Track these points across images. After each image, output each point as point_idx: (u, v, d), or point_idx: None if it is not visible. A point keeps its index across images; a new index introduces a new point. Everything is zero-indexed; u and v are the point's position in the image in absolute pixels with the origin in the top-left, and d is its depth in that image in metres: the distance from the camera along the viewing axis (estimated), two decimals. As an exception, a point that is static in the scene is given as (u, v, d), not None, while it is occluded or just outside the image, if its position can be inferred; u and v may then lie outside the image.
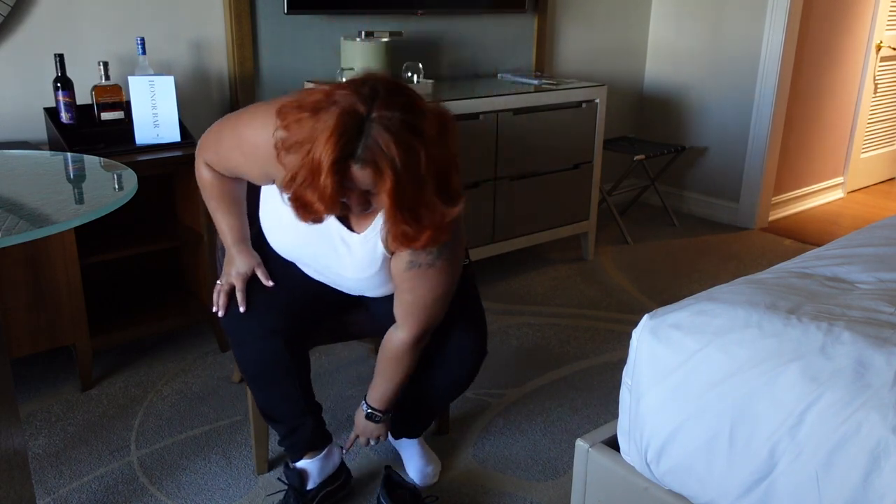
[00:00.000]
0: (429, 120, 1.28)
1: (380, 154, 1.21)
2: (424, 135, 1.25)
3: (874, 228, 1.95)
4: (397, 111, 1.23)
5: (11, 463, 1.52)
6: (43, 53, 2.43)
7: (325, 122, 1.22)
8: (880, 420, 1.13)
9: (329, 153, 1.20)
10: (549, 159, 3.20)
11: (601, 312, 2.99)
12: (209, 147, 1.65)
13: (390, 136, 1.21)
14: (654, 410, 1.39)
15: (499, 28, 3.54)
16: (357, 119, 1.22)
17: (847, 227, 4.08)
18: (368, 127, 1.22)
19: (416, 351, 1.66)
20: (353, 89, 1.25)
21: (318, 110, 1.24)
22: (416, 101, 1.29)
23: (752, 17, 3.83)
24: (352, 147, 1.22)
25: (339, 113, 1.22)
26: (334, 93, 1.25)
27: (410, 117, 1.24)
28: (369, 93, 1.24)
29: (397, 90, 1.27)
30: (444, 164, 1.29)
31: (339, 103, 1.23)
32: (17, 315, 2.15)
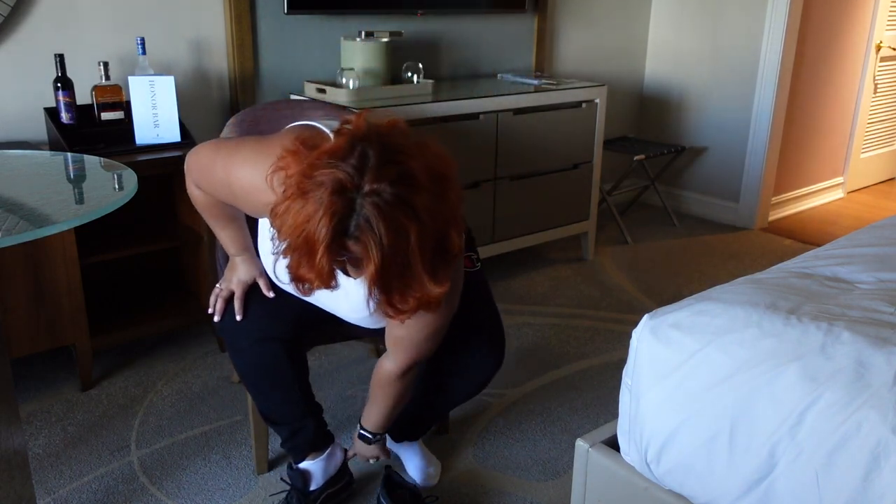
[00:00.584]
0: (426, 192, 1.18)
1: (369, 232, 1.14)
2: (417, 210, 1.16)
3: (874, 228, 1.95)
4: (388, 185, 1.14)
5: (11, 463, 1.52)
6: (43, 53, 2.43)
7: (312, 203, 1.15)
8: (880, 420, 1.13)
9: (323, 235, 1.14)
10: (549, 159, 3.20)
11: (601, 312, 2.99)
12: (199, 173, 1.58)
13: (379, 215, 1.13)
14: (654, 410, 1.39)
15: (499, 28, 3.54)
16: (347, 196, 1.14)
17: (847, 227, 4.08)
18: (359, 204, 1.14)
19: (404, 381, 1.64)
20: (341, 159, 1.16)
21: (304, 191, 1.16)
22: (409, 168, 1.17)
23: (752, 17, 3.83)
24: (345, 225, 1.15)
25: (327, 192, 1.14)
26: (320, 170, 1.16)
27: (403, 191, 1.15)
28: (358, 163, 1.15)
29: (390, 156, 1.17)
30: (439, 232, 1.21)
31: (325, 183, 1.14)
32: (17, 315, 2.15)
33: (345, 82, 2.79)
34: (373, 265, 1.15)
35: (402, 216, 1.14)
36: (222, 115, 2.84)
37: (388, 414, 1.71)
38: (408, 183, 1.16)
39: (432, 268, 1.20)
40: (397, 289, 1.20)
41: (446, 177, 1.23)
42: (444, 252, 1.22)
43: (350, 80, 2.79)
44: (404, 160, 1.17)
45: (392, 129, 1.24)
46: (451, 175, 1.24)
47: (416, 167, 1.17)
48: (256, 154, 1.42)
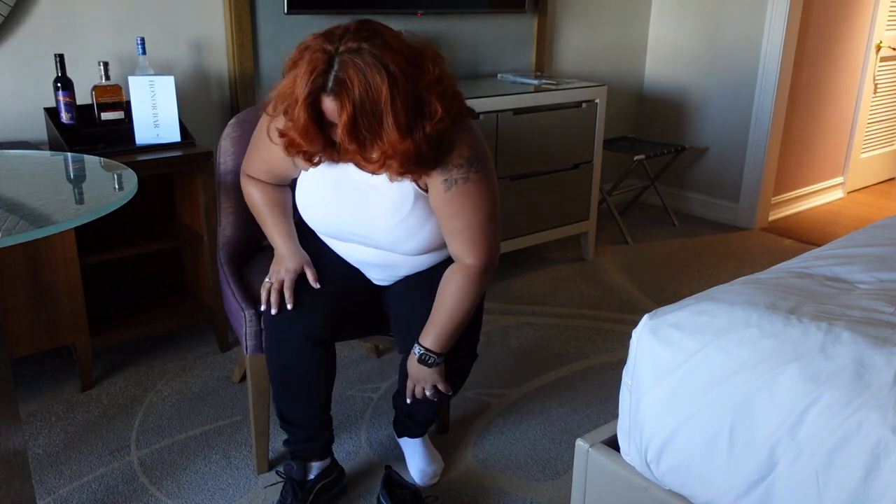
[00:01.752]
0: (399, 54, 1.36)
1: (344, 85, 1.32)
2: (388, 67, 1.33)
3: (874, 228, 1.95)
4: (364, 43, 1.33)
5: (11, 463, 1.52)
6: (43, 53, 2.43)
7: (301, 66, 1.36)
8: (880, 420, 1.13)
9: (303, 88, 1.34)
10: (549, 159, 3.20)
11: (601, 312, 2.99)
12: (249, 160, 1.77)
13: (353, 68, 1.32)
14: (654, 410, 1.39)
15: (499, 28, 3.54)
16: (327, 55, 1.34)
17: (847, 227, 4.08)
18: (337, 61, 1.33)
19: (484, 280, 1.62)
20: (326, 32, 1.38)
21: (295, 62, 1.38)
22: (384, 35, 1.37)
23: (752, 16, 3.83)
24: (322, 80, 1.34)
25: (311, 53, 1.35)
26: (307, 41, 1.39)
27: (376, 50, 1.33)
28: (340, 32, 1.36)
29: (367, 26, 1.38)
30: (414, 93, 1.37)
31: (311, 47, 1.36)
32: (17, 315, 2.15)
33: (345, 82, 2.79)
34: (345, 113, 1.33)
35: (374, 70, 1.32)
36: (222, 115, 2.84)
37: (455, 328, 1.63)
38: (381, 44, 1.34)
39: (404, 123, 1.36)
40: (368, 139, 1.37)
41: (423, 52, 1.42)
42: (420, 114, 1.38)
43: (350, 80, 2.79)
44: (381, 30, 1.38)
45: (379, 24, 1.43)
46: (428, 52, 1.43)
47: (390, 36, 1.37)
48: None
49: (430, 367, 1.67)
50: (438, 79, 1.42)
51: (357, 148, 1.39)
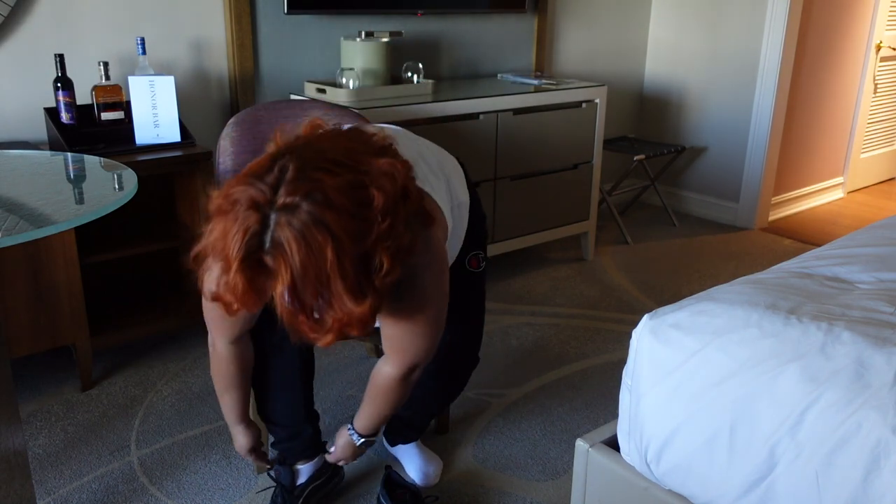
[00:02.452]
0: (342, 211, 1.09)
1: (281, 249, 1.07)
2: (332, 228, 1.08)
3: (874, 228, 1.95)
4: (303, 201, 1.07)
5: (11, 463, 1.52)
6: (43, 53, 2.43)
7: (230, 223, 1.10)
8: (880, 420, 1.13)
9: (235, 250, 1.09)
10: (549, 159, 3.20)
11: (601, 312, 2.99)
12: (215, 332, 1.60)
13: (291, 232, 1.07)
14: (654, 410, 1.39)
15: (499, 28, 3.54)
16: (260, 214, 1.09)
17: (847, 227, 4.08)
18: (273, 220, 1.08)
19: (404, 386, 1.54)
20: (254, 175, 1.12)
21: (223, 212, 1.12)
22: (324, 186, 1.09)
23: (752, 17, 3.83)
24: (259, 240, 1.09)
25: (242, 208, 1.09)
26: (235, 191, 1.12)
27: (316, 208, 1.07)
28: (273, 180, 1.10)
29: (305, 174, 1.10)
30: (362, 252, 1.12)
31: (240, 200, 1.10)
32: (17, 315, 2.15)
33: (345, 82, 2.79)
34: (282, 284, 1.09)
35: (316, 234, 1.07)
36: (222, 115, 2.84)
37: (382, 418, 1.63)
38: (321, 200, 1.08)
39: (355, 287, 1.11)
40: (314, 308, 1.13)
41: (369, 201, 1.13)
42: (368, 273, 1.14)
43: (350, 80, 2.79)
44: (322, 177, 1.10)
45: (318, 139, 1.19)
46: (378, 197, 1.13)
47: (331, 185, 1.09)
48: None
49: (360, 447, 1.67)
50: (388, 231, 1.14)
51: (305, 318, 1.14)
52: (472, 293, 1.77)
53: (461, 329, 1.75)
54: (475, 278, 1.76)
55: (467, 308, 1.77)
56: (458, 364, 1.78)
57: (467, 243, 1.71)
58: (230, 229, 1.09)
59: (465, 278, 1.72)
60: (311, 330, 1.16)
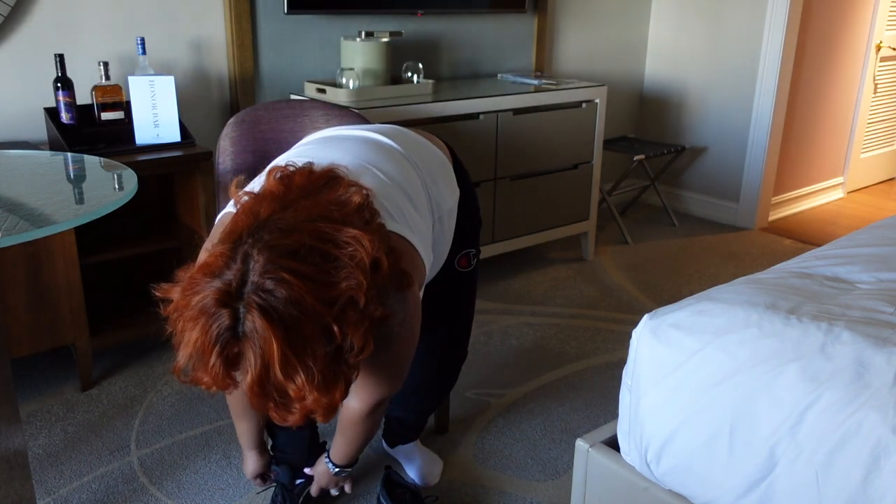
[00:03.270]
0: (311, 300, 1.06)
1: (250, 343, 1.06)
2: (300, 324, 1.05)
3: (874, 228, 1.95)
4: (271, 295, 1.05)
5: (11, 463, 1.52)
6: (43, 53, 2.43)
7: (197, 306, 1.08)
8: (880, 420, 1.13)
9: (210, 340, 1.07)
10: (549, 159, 3.20)
11: (601, 312, 2.99)
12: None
13: (260, 325, 1.04)
14: (654, 410, 1.39)
15: (499, 28, 3.54)
16: (229, 306, 1.06)
17: (847, 227, 4.08)
18: (242, 313, 1.06)
19: (372, 419, 1.52)
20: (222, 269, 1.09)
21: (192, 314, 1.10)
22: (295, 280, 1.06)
23: (752, 17, 3.83)
24: (234, 329, 1.07)
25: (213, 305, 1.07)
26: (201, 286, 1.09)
27: (285, 303, 1.05)
28: (239, 273, 1.07)
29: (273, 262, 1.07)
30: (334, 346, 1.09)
31: (208, 299, 1.07)
32: (17, 315, 2.15)
33: (345, 82, 2.79)
34: (251, 374, 1.07)
35: (285, 327, 1.05)
36: (222, 115, 2.84)
37: (357, 449, 1.61)
38: (290, 296, 1.05)
39: (324, 378, 1.09)
40: (277, 400, 1.11)
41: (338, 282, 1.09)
42: (339, 357, 1.11)
43: (350, 80, 2.79)
44: (287, 273, 1.06)
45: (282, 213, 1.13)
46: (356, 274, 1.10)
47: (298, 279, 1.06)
48: None
49: (342, 476, 1.68)
50: (359, 316, 1.11)
51: (273, 405, 1.12)
52: (461, 292, 1.76)
53: (449, 328, 1.75)
54: (465, 277, 1.74)
55: (456, 307, 1.76)
56: (446, 360, 1.78)
57: (457, 242, 1.66)
58: (203, 326, 1.07)
59: (455, 278, 1.70)
60: (276, 412, 1.13)
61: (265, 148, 1.93)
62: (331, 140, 1.53)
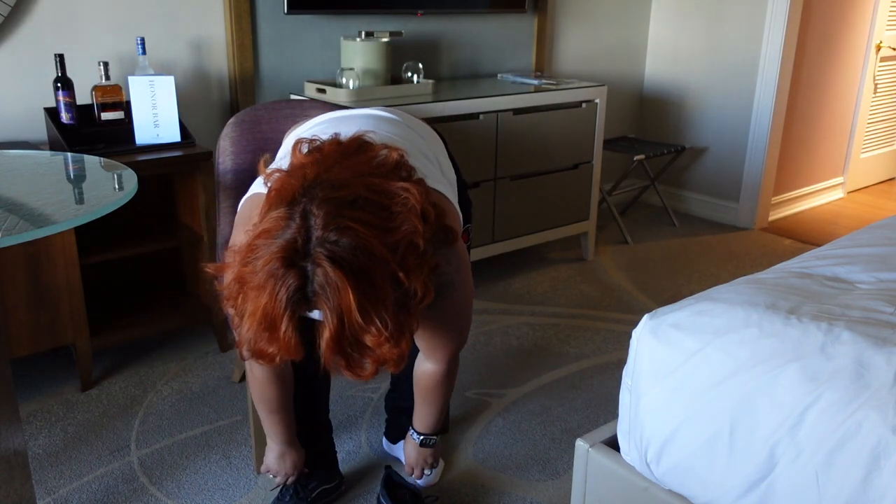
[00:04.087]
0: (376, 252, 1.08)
1: (324, 299, 1.06)
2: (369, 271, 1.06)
3: (874, 228, 1.95)
4: (337, 246, 1.05)
5: (11, 463, 1.52)
6: (43, 53, 2.43)
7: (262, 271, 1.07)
8: (880, 420, 1.13)
9: (281, 304, 1.06)
10: (549, 159, 3.20)
11: (601, 312, 2.99)
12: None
13: (332, 279, 1.04)
14: (654, 410, 1.39)
15: (499, 28, 3.54)
16: (296, 266, 1.06)
17: (847, 227, 4.08)
18: (311, 271, 1.06)
19: (451, 375, 1.61)
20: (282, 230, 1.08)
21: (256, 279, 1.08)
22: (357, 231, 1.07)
23: (752, 17, 3.83)
24: (301, 294, 1.07)
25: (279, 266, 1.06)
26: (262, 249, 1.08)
27: (353, 252, 1.05)
28: (301, 229, 1.07)
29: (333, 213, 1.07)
30: (400, 291, 1.12)
31: (274, 260, 1.06)
32: (17, 315, 2.15)
33: (345, 82, 2.79)
34: (327, 331, 1.07)
35: (357, 276, 1.05)
36: (222, 115, 2.84)
37: (440, 412, 1.68)
38: (356, 244, 1.06)
39: (395, 326, 1.11)
40: (354, 354, 1.12)
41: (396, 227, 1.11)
42: (406, 305, 1.14)
43: (350, 80, 2.79)
44: (348, 221, 1.07)
45: (327, 171, 1.14)
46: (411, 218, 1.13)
47: (361, 226, 1.07)
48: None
49: (431, 446, 1.74)
50: (419, 261, 1.14)
51: (343, 363, 1.12)
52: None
53: None
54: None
55: None
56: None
57: None
58: (272, 291, 1.06)
59: None
60: (350, 370, 1.14)
61: (265, 148, 1.93)
62: (342, 119, 1.55)
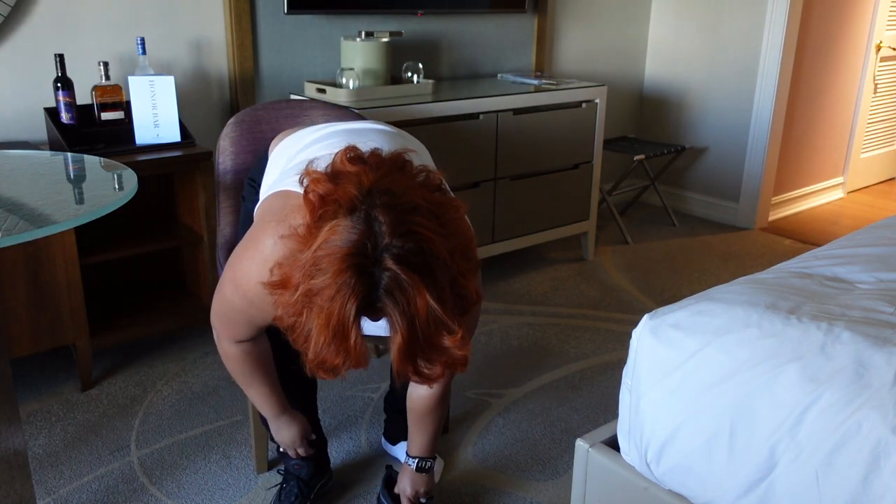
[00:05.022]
0: (440, 253, 1.09)
1: (394, 303, 1.06)
2: (436, 277, 1.07)
3: (874, 228, 1.95)
4: (404, 251, 1.05)
5: (11, 463, 1.52)
6: (43, 53, 2.43)
7: (332, 282, 1.05)
8: (880, 420, 1.13)
9: (352, 314, 1.05)
10: (549, 159, 3.20)
11: (601, 312, 2.99)
12: (223, 323, 1.49)
13: (401, 287, 1.05)
14: (654, 410, 1.39)
15: (499, 28, 3.54)
16: (365, 268, 1.05)
17: (847, 227, 4.08)
18: (380, 275, 1.05)
19: (447, 397, 1.63)
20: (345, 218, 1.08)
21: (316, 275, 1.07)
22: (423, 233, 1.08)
23: (752, 17, 3.83)
24: (370, 297, 1.06)
25: (344, 266, 1.05)
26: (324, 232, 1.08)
27: (420, 255, 1.06)
28: (367, 233, 1.06)
29: (399, 220, 1.07)
30: (460, 293, 1.13)
31: (337, 254, 1.05)
32: (17, 315, 2.15)
33: (345, 82, 2.79)
34: (399, 336, 1.07)
35: (425, 290, 1.06)
36: (222, 115, 2.84)
37: (437, 433, 1.69)
38: (421, 249, 1.07)
39: (459, 328, 1.12)
40: (424, 357, 1.11)
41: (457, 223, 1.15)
42: (465, 307, 1.15)
43: (350, 80, 2.79)
44: (416, 222, 1.08)
45: (381, 179, 1.13)
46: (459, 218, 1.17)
47: (426, 230, 1.08)
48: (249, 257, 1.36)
49: (428, 471, 1.72)
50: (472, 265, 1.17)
51: (413, 368, 1.12)
52: None
53: None
54: None
55: None
56: None
57: None
58: (343, 301, 1.05)
59: None
60: (419, 375, 1.14)
61: (265, 148, 1.93)
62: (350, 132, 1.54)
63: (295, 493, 1.79)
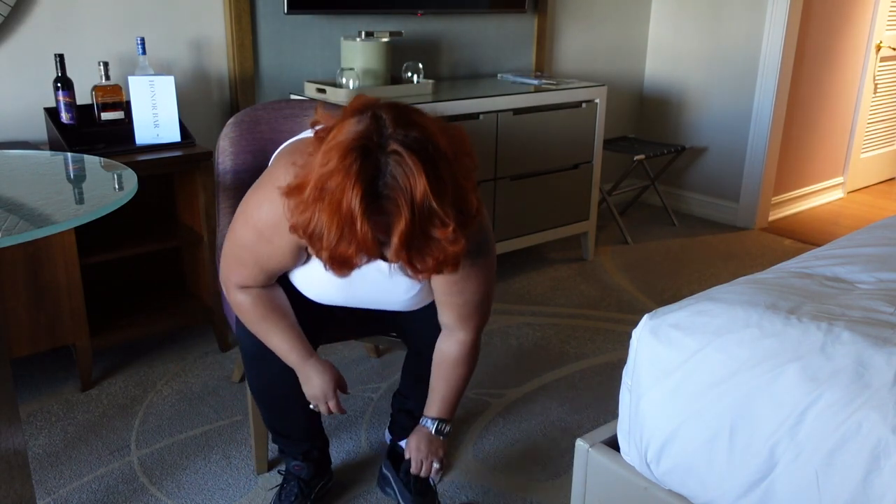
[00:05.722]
0: (443, 147, 1.18)
1: (398, 189, 1.13)
2: (439, 169, 1.15)
3: (874, 228, 1.95)
4: (408, 139, 1.14)
5: (11, 463, 1.52)
6: (43, 53, 2.43)
7: (339, 166, 1.14)
8: (880, 420, 1.13)
9: (358, 201, 1.12)
10: (549, 159, 3.20)
11: (601, 312, 2.99)
12: (232, 266, 1.51)
13: (404, 173, 1.12)
14: (654, 410, 1.39)
15: (499, 28, 3.54)
16: (370, 152, 1.14)
17: (847, 227, 4.08)
18: (384, 163, 1.13)
19: (477, 350, 1.63)
20: (352, 118, 1.18)
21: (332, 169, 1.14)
22: (427, 129, 1.18)
23: (752, 17, 3.83)
24: (375, 185, 1.13)
25: (350, 150, 1.13)
26: (333, 131, 1.19)
27: (423, 145, 1.15)
28: (374, 126, 1.15)
29: (404, 116, 1.18)
30: (459, 192, 1.20)
31: (344, 142, 1.14)
32: (17, 315, 2.15)
33: (345, 82, 2.79)
34: (403, 220, 1.14)
35: (427, 168, 1.14)
36: (222, 115, 2.84)
37: (460, 393, 1.66)
38: (425, 138, 1.16)
39: (456, 222, 1.19)
40: (418, 247, 1.19)
41: (461, 134, 1.25)
42: (464, 212, 1.22)
43: (350, 80, 2.79)
44: (418, 119, 1.19)
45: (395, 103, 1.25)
46: (464, 136, 1.26)
47: (431, 127, 1.19)
48: (262, 190, 1.42)
49: (445, 435, 1.69)
50: (474, 170, 1.26)
51: (406, 257, 1.18)
52: None
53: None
54: None
55: None
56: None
57: None
58: (349, 187, 1.13)
59: None
60: (410, 264, 1.21)
61: (265, 148, 1.93)
62: None
63: (295, 494, 1.79)
